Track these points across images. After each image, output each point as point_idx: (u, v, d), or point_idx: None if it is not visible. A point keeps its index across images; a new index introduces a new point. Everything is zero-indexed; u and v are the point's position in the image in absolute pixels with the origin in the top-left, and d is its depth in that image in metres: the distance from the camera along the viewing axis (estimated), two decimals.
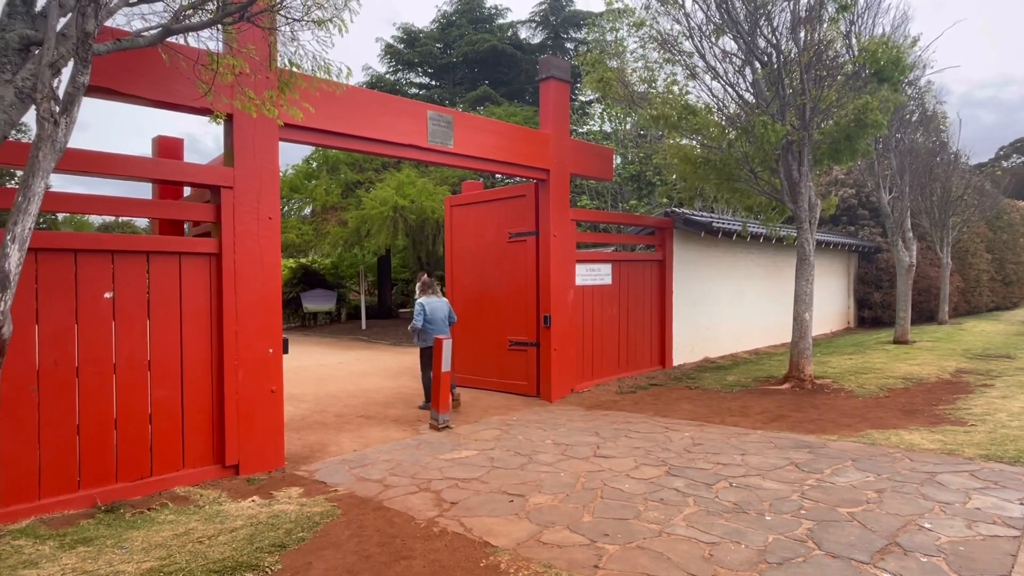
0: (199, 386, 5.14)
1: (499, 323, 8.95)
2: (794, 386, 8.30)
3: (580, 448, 5.92)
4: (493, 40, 23.68)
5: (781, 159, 8.17)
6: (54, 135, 2.57)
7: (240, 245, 5.28)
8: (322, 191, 16.95)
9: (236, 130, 5.26)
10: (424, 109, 6.77)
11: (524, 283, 8.61)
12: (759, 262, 13.23)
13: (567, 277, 8.56)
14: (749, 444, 5.89)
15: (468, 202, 9.49)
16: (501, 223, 8.94)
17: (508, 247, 8.83)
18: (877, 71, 7.91)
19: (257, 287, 5.39)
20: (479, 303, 9.27)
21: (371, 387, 9.70)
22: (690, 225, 10.71)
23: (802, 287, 8.36)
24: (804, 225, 8.28)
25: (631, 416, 7.26)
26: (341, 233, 16.24)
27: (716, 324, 11.86)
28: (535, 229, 8.48)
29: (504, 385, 8.89)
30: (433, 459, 5.72)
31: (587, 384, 8.97)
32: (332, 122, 5.87)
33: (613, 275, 9.55)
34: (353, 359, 13.20)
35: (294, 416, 7.72)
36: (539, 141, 8.12)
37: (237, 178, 5.26)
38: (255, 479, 5.24)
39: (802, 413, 7.14)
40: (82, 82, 2.61)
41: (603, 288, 9.36)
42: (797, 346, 8.40)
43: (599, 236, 10.86)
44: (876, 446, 5.72)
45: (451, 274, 9.76)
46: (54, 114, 2.53)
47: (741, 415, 7.16)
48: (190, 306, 5.10)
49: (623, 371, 9.72)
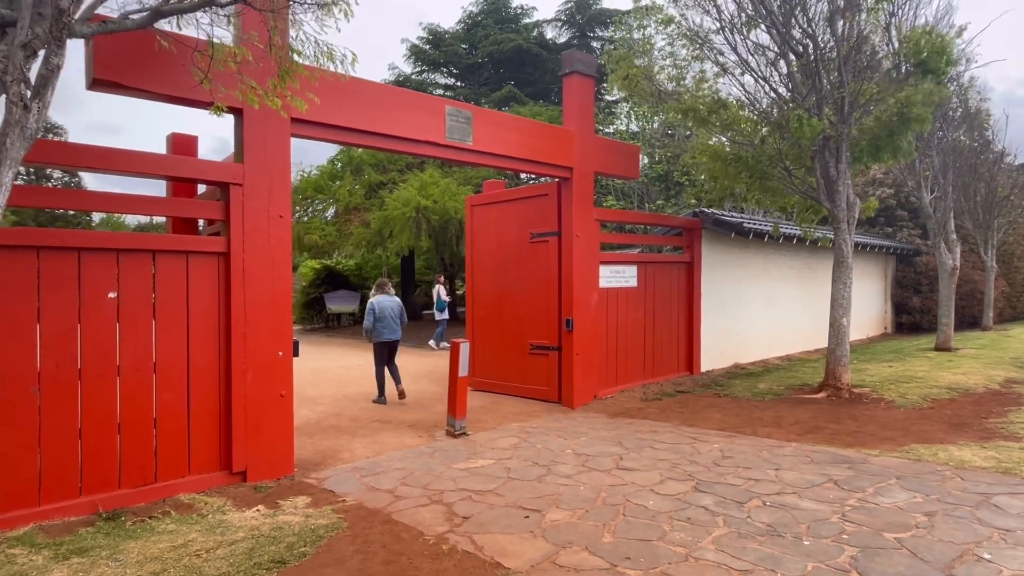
0: (206, 390, 4.98)
1: (520, 326, 8.69)
2: (830, 395, 7.86)
3: (602, 459, 5.62)
4: (518, 40, 23.45)
5: (817, 156, 7.75)
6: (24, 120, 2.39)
7: (249, 244, 5.11)
8: (345, 192, 16.89)
9: (246, 125, 5.09)
10: (442, 104, 6.55)
11: (546, 285, 8.33)
12: (792, 264, 12.73)
13: (590, 279, 8.26)
14: (783, 458, 5.52)
15: (489, 202, 9.25)
16: (523, 223, 8.67)
17: (530, 248, 8.56)
18: (920, 62, 7.43)
19: (267, 288, 5.21)
20: (500, 305, 9.02)
21: (390, 390, 9.50)
22: (720, 225, 10.31)
23: (839, 291, 7.92)
24: (842, 225, 7.85)
25: (656, 425, 6.93)
26: (364, 234, 16.16)
27: (747, 329, 11.42)
28: (557, 229, 8.19)
29: (525, 390, 8.62)
30: (447, 468, 5.48)
31: (611, 390, 8.64)
32: (346, 117, 5.67)
33: (638, 277, 9.22)
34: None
35: (309, 419, 7.57)
36: (562, 138, 7.84)
37: (247, 174, 5.09)
38: (262, 487, 5.05)
39: (840, 425, 6.72)
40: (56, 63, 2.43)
41: (628, 290, 9.03)
42: (833, 353, 7.96)
43: (624, 237, 10.54)
44: (922, 463, 5.30)
45: (471, 275, 9.53)
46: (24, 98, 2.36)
47: (774, 426, 6.78)
48: (197, 307, 4.94)
49: (648, 377, 9.37)
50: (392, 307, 8.47)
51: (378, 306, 8.39)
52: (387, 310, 8.41)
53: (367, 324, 8.41)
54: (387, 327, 8.37)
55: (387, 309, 8.42)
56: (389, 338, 8.49)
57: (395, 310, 8.48)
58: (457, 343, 6.66)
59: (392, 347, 8.61)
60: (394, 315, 8.44)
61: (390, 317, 8.41)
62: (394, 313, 8.45)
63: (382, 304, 8.42)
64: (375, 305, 8.39)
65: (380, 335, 8.38)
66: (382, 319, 8.36)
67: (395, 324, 8.43)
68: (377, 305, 8.39)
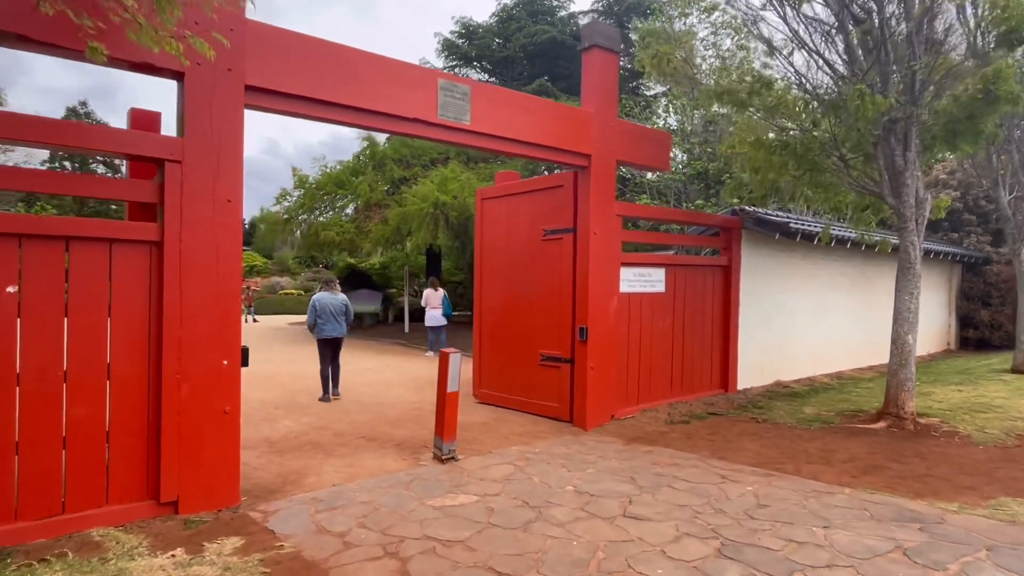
0: (130, 404, 4.20)
1: (530, 334, 7.73)
2: (891, 425, 6.66)
3: (607, 501, 4.62)
4: (552, 32, 22.51)
5: (881, 143, 6.57)
6: None
7: (188, 233, 4.31)
8: (366, 187, 16.22)
9: (187, 90, 4.30)
10: (434, 76, 5.66)
11: (559, 288, 7.36)
12: (843, 271, 11.41)
13: (609, 282, 7.25)
14: (834, 510, 4.42)
15: (500, 195, 8.33)
16: (535, 218, 7.72)
17: (542, 246, 7.61)
18: (1008, 31, 6.19)
19: (210, 285, 4.41)
20: (508, 310, 8.08)
21: (389, 400, 8.68)
22: (762, 225, 9.15)
23: (905, 302, 6.71)
24: (908, 225, 6.64)
25: (680, 456, 5.88)
26: (383, 231, 15.45)
27: (790, 342, 10.19)
28: (572, 225, 7.21)
29: (532, 406, 7.66)
30: (420, 505, 4.57)
31: (631, 410, 7.61)
32: (313, 86, 4.84)
33: (667, 281, 8.15)
34: (383, 366, 12.29)
35: (290, 432, 6.78)
36: (579, 121, 6.87)
37: (187, 150, 4.29)
38: (196, 521, 4.24)
39: (904, 464, 5.55)
40: None
41: (654, 296, 7.98)
42: (896, 375, 6.75)
43: (651, 236, 9.46)
44: (1018, 524, 4.14)
45: (480, 276, 8.62)
46: None
47: (822, 462, 5.65)
48: (122, 305, 4.17)
49: (676, 395, 8.29)
50: (334, 304, 8.64)
51: (319, 303, 8.61)
52: (328, 307, 8.59)
53: (309, 320, 8.70)
54: (328, 323, 8.56)
55: (328, 306, 8.59)
56: (331, 334, 8.62)
57: (337, 307, 8.65)
58: (446, 353, 5.76)
59: (335, 344, 8.76)
60: (336, 312, 8.61)
61: (331, 313, 8.58)
62: (336, 310, 8.62)
63: (323, 301, 8.62)
64: (315, 302, 8.65)
65: (321, 331, 8.56)
66: (323, 315, 8.55)
67: (337, 321, 8.61)
68: (318, 302, 8.62)
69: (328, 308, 8.59)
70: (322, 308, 8.57)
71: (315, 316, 8.58)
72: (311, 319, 8.65)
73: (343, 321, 8.69)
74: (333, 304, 8.64)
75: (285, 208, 17.66)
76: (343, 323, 8.69)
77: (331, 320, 8.56)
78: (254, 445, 6.26)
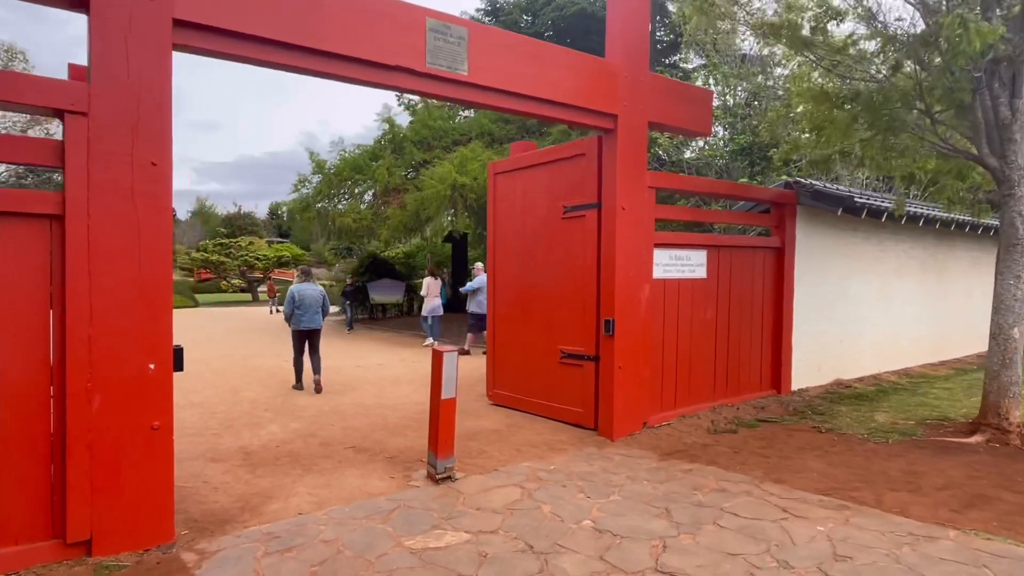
0: (24, 420, 3.34)
1: (549, 327, 6.71)
2: (991, 440, 5.42)
3: (634, 545, 3.59)
4: (582, 3, 21.19)
5: (981, 90, 5.29)
6: None
7: (99, 203, 3.41)
8: (384, 172, 15.33)
9: (95, 24, 3.39)
10: (422, 15, 4.63)
11: (581, 275, 6.31)
12: (913, 253, 10.01)
13: (640, 266, 6.16)
14: (939, 566, 3.29)
15: (514, 168, 7.28)
16: (554, 194, 6.67)
17: (562, 226, 6.55)
18: None
19: (129, 269, 3.51)
20: (525, 301, 7.06)
21: (392, 401, 7.78)
22: (821, 200, 7.88)
23: (1008, 288, 5.43)
24: (1016, 192, 5.35)
25: (727, 478, 4.79)
26: (401, 216, 14.56)
27: (852, 335, 8.90)
28: (596, 200, 6.14)
29: (552, 410, 6.64)
30: (395, 547, 3.61)
31: (667, 415, 6.52)
32: (263, 22, 3.88)
33: (709, 266, 7.01)
34: (397, 360, 11.43)
35: (272, 440, 5.94)
36: (603, 74, 5.77)
37: (95, 99, 3.39)
38: (111, 566, 3.37)
39: (1018, 494, 4.35)
40: None
41: (694, 283, 6.85)
42: (997, 377, 5.50)
43: (691, 212, 8.24)
44: None
45: (493, 261, 7.62)
46: None
47: (909, 489, 4.49)
48: (11, 296, 3.30)
49: (720, 397, 7.15)
50: (314, 295, 8.29)
51: (298, 293, 8.19)
52: (308, 298, 8.21)
53: (287, 311, 8.30)
54: (307, 315, 8.22)
55: (308, 297, 8.22)
56: (308, 327, 8.30)
57: (316, 299, 8.29)
58: (440, 352, 4.78)
59: (312, 336, 8.40)
60: (315, 303, 8.27)
61: (310, 305, 8.23)
62: (315, 302, 8.27)
63: (303, 292, 8.22)
64: (295, 292, 8.21)
65: (299, 323, 8.24)
66: (301, 306, 8.18)
67: (316, 313, 8.27)
68: (298, 292, 8.20)
69: (308, 300, 8.22)
70: (301, 299, 8.19)
71: (293, 307, 8.19)
72: (288, 309, 8.24)
73: (321, 313, 8.38)
74: (313, 296, 8.30)
75: (303, 196, 16.96)
76: (321, 315, 8.38)
77: (310, 311, 8.23)
78: (226, 457, 5.41)
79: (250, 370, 10.17)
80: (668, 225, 8.22)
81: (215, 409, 7.24)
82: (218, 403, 7.57)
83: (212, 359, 11.36)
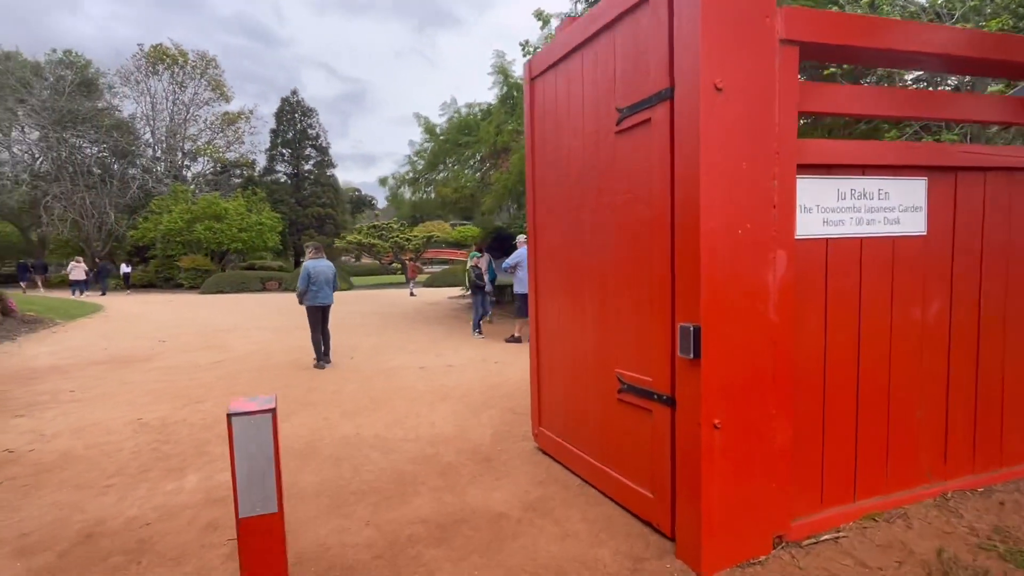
0: None
1: (602, 331, 3.77)
2: None
3: None
4: None
5: None
6: None
7: None
8: (491, 129, 12.91)
9: None
10: None
11: (647, 235, 3.27)
12: None
13: (761, 213, 2.95)
14: None
15: (556, 59, 4.32)
16: (602, 90, 3.65)
17: (616, 147, 3.54)
18: None
19: None
20: (572, 283, 4.16)
21: (403, 432, 5.38)
22: None
23: None
24: None
25: None
26: (505, 180, 12.09)
27: None
28: (668, 83, 3.04)
29: (606, 480, 3.73)
30: None
31: (832, 516, 3.24)
32: None
33: (932, 209, 3.50)
34: (479, 360, 9.02)
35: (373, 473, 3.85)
36: None
37: None
38: None
39: None
40: None
41: (896, 246, 3.41)
42: None
43: (888, 98, 4.31)
44: None
45: (533, 223, 4.77)
46: None
47: None
48: None
49: (958, 472, 3.63)
50: (327, 271, 8.33)
51: (313, 269, 8.18)
52: (322, 274, 8.26)
53: (301, 287, 8.23)
54: (321, 290, 8.28)
55: (322, 273, 8.26)
56: (324, 301, 8.34)
57: (329, 275, 8.35)
58: (234, 412, 2.18)
59: (325, 311, 8.44)
60: (328, 279, 8.35)
61: (324, 281, 8.30)
62: (328, 278, 8.34)
63: (317, 267, 8.22)
64: (310, 268, 8.18)
65: (315, 298, 8.26)
66: (316, 282, 8.23)
67: (329, 289, 8.35)
68: (312, 268, 8.18)
69: (322, 276, 8.26)
70: (316, 275, 8.20)
71: (308, 283, 8.19)
72: (303, 285, 8.19)
73: (332, 289, 8.42)
74: (327, 272, 8.33)
75: (414, 167, 15.26)
76: (332, 291, 8.42)
77: (324, 287, 8.30)
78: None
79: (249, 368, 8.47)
80: (831, 127, 4.57)
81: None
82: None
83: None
